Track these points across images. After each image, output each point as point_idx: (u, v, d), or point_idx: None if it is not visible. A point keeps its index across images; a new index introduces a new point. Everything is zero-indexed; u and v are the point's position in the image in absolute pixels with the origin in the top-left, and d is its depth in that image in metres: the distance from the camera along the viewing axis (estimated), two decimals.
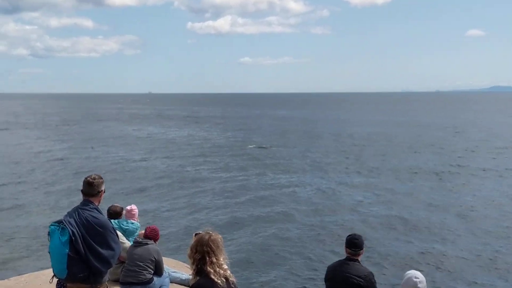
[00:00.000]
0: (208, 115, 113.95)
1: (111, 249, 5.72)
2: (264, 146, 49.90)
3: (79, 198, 5.97)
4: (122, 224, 8.67)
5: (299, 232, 20.80)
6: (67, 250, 5.48)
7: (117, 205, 9.12)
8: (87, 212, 5.69)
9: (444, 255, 18.08)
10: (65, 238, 5.49)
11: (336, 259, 7.08)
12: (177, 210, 24.39)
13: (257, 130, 70.40)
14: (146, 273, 7.93)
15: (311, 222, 22.36)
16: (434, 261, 17.46)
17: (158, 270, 8.14)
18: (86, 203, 5.79)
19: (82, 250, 5.52)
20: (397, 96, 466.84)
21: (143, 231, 8.45)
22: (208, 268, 4.50)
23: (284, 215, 23.60)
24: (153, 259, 8.01)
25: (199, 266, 4.57)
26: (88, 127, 74.78)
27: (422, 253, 18.35)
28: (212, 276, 4.47)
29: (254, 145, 50.17)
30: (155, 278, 8.05)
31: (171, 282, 8.67)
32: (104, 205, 6.05)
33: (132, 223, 8.82)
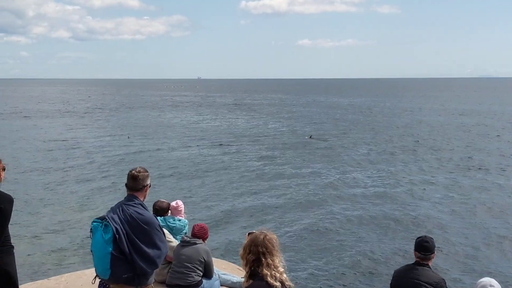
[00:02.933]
0: (261, 103, 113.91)
1: (158, 248, 5.72)
2: (319, 137, 49.63)
3: (121, 192, 6.04)
4: (169, 222, 8.67)
5: (357, 229, 20.68)
6: (111, 249, 5.51)
7: (163, 200, 9.19)
8: (132, 208, 5.71)
9: None
10: (108, 236, 5.53)
11: (402, 262, 6.99)
12: (227, 206, 24.48)
13: (313, 119, 69.96)
14: (195, 275, 7.96)
15: (371, 219, 22.22)
16: None
17: (207, 272, 8.15)
18: (130, 198, 5.82)
19: (127, 249, 5.54)
20: (475, 81, 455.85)
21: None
22: (264, 270, 4.49)
23: (338, 209, 23.57)
24: (202, 260, 8.03)
25: (252, 268, 4.58)
26: (131, 115, 75.78)
27: (499, 260, 17.96)
28: (269, 279, 4.46)
29: (311, 136, 49.85)
30: (204, 281, 8.07)
31: (221, 285, 8.65)
32: (147, 200, 6.07)
33: (179, 220, 8.81)
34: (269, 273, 4.47)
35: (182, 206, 9.05)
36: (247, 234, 4.89)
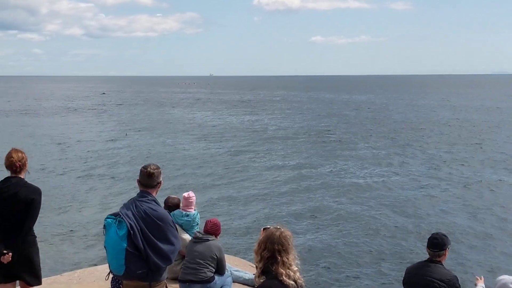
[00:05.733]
0: (273, 100, 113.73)
1: (171, 244, 5.77)
2: (333, 135, 49.50)
3: (132, 188, 6.07)
4: (177, 218, 8.68)
5: (372, 227, 20.59)
6: (125, 245, 5.54)
7: (174, 196, 9.24)
8: (146, 204, 5.74)
9: None
10: (122, 232, 5.56)
11: (416, 259, 6.98)
12: (239, 202, 24.50)
13: (326, 116, 69.76)
14: (207, 271, 8.01)
15: (385, 217, 22.13)
16: None
17: (219, 268, 8.20)
18: (143, 194, 5.85)
19: (141, 245, 5.57)
20: (490, 78, 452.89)
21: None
22: (280, 269, 4.49)
23: (353, 207, 23.48)
24: (215, 257, 8.08)
25: (266, 265, 4.59)
26: (144, 112, 75.99)
27: None
28: (285, 278, 4.47)
29: (324, 134, 49.83)
30: (216, 277, 8.12)
31: (233, 281, 8.69)
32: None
33: (187, 215, 8.83)
34: (284, 272, 4.48)
35: (194, 198, 9.05)
36: (262, 229, 4.90)
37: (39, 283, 6.97)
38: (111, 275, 6.02)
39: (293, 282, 4.47)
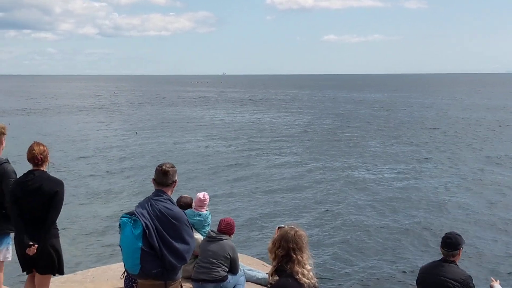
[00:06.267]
0: (285, 98, 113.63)
1: (186, 243, 5.79)
2: (346, 133, 49.39)
3: (147, 187, 6.09)
4: (189, 217, 8.65)
5: (385, 226, 20.50)
6: (141, 244, 5.56)
7: (187, 196, 9.27)
8: (161, 203, 5.76)
9: None
10: (138, 231, 5.58)
11: (430, 259, 6.98)
12: (252, 200, 24.45)
13: (339, 115, 69.59)
14: (220, 270, 8.04)
15: (398, 215, 22.06)
16: None
17: (233, 268, 8.23)
18: (158, 193, 5.87)
19: (156, 244, 5.59)
20: (502, 77, 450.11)
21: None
22: (295, 267, 4.54)
23: (366, 207, 23.40)
24: (228, 256, 8.12)
25: (280, 263, 4.62)
26: (156, 111, 76.15)
27: None
28: (300, 276, 4.51)
29: (337, 134, 49.71)
30: (229, 276, 8.15)
31: (246, 281, 8.73)
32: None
33: (200, 215, 8.86)
34: (300, 270, 4.53)
35: (208, 199, 9.10)
36: (277, 228, 4.95)
37: (62, 273, 7.16)
38: (125, 274, 6.05)
39: (308, 281, 4.52)
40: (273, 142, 43.63)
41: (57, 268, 6.96)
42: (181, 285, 6.10)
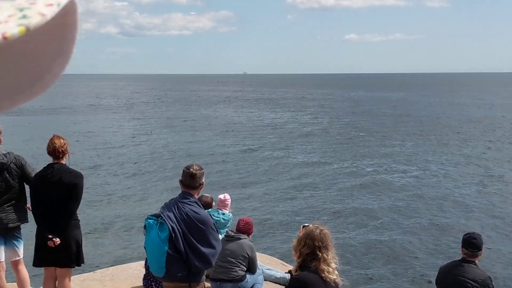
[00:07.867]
0: (306, 97, 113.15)
1: (212, 247, 5.74)
2: (368, 133, 49.09)
3: (173, 188, 6.08)
4: (213, 215, 8.63)
5: (405, 225, 20.37)
6: (167, 248, 5.55)
7: (207, 195, 9.23)
8: (188, 206, 5.71)
9: None
10: (164, 235, 5.56)
11: (450, 259, 6.93)
12: (271, 199, 24.37)
13: (361, 114, 69.29)
14: (239, 269, 8.01)
15: (419, 214, 21.92)
16: None
17: (251, 267, 8.20)
18: (185, 195, 5.83)
19: (183, 248, 5.57)
20: None
21: None
22: (322, 265, 4.58)
23: (387, 205, 23.28)
24: (246, 256, 8.07)
25: (304, 261, 4.66)
26: (176, 111, 76.29)
27: None
28: (326, 274, 4.54)
29: (359, 133, 49.49)
30: (247, 276, 8.12)
31: (264, 280, 8.70)
32: None
33: (224, 214, 8.85)
34: (326, 268, 4.59)
35: (229, 200, 9.11)
36: (301, 226, 5.01)
37: (79, 264, 7.19)
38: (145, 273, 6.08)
39: (333, 277, 4.58)
40: (293, 141, 43.46)
41: (76, 259, 7.00)
42: (205, 287, 6.09)
